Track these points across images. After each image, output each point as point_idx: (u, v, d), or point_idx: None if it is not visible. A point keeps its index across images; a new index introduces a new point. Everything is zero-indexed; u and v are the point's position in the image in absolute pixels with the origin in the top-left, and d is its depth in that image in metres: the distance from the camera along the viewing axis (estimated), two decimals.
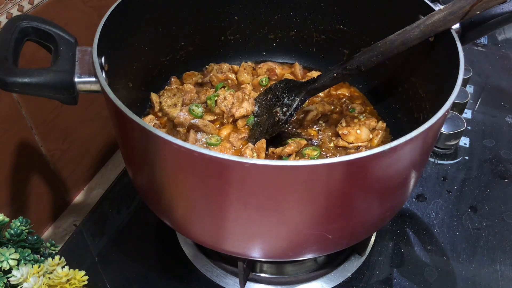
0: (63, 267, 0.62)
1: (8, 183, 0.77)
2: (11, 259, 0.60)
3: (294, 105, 0.77)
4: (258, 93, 0.88)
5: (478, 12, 0.63)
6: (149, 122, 0.81)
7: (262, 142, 0.76)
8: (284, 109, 0.78)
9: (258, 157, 0.75)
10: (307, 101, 0.83)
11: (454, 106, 1.04)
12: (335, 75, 0.74)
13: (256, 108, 0.85)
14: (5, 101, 0.72)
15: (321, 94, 0.91)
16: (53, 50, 0.60)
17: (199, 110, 0.83)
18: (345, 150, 0.81)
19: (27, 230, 0.64)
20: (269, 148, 0.78)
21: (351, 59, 0.72)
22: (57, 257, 0.63)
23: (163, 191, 0.60)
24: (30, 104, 0.77)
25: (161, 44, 0.85)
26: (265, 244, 0.60)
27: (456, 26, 0.67)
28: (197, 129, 0.81)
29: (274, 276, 0.78)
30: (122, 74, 0.74)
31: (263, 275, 0.78)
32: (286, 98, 0.79)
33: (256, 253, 0.62)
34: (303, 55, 0.97)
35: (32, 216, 0.83)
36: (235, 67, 0.96)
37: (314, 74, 0.94)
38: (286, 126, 0.82)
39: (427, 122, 0.52)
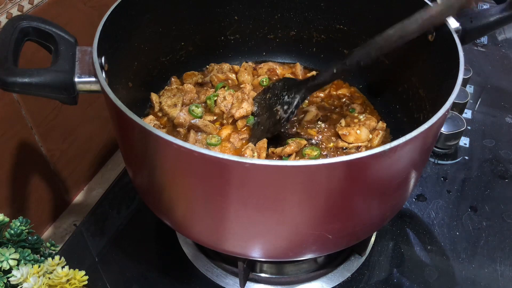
0: (63, 267, 0.62)
1: (8, 183, 0.77)
2: (11, 259, 0.60)
3: (295, 103, 0.77)
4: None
5: (475, 4, 0.63)
6: (149, 122, 0.81)
7: (264, 142, 0.76)
8: (285, 107, 0.78)
9: (259, 156, 0.75)
10: (307, 101, 0.83)
11: (454, 106, 1.04)
12: (334, 71, 0.74)
13: (256, 108, 0.85)
14: (5, 101, 0.72)
15: (321, 94, 0.91)
16: (53, 50, 0.60)
17: (199, 110, 0.83)
18: (345, 151, 0.81)
19: (27, 230, 0.64)
20: (269, 148, 0.78)
21: (350, 54, 0.72)
22: (57, 257, 0.63)
23: (163, 191, 0.60)
24: (30, 104, 0.77)
25: (161, 44, 0.85)
26: (265, 244, 0.60)
27: (456, 26, 0.67)
28: (197, 129, 0.81)
29: (274, 276, 0.78)
30: (122, 74, 0.74)
31: (263, 275, 0.78)
32: (286, 96, 0.79)
33: (256, 253, 0.61)
34: (303, 55, 0.97)
35: (32, 216, 0.83)
36: (236, 67, 0.96)
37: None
38: (287, 125, 0.82)
39: (427, 122, 0.52)
